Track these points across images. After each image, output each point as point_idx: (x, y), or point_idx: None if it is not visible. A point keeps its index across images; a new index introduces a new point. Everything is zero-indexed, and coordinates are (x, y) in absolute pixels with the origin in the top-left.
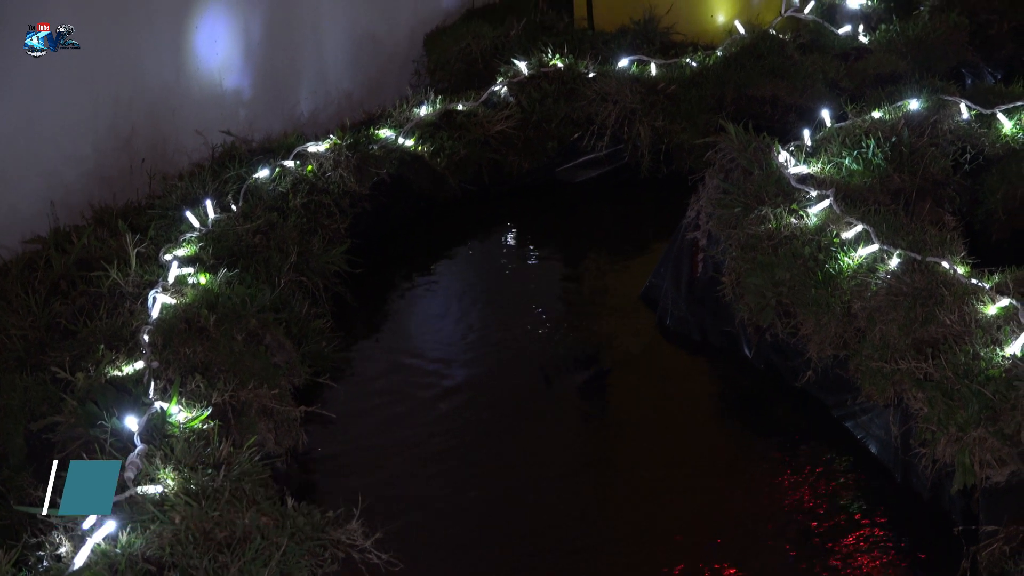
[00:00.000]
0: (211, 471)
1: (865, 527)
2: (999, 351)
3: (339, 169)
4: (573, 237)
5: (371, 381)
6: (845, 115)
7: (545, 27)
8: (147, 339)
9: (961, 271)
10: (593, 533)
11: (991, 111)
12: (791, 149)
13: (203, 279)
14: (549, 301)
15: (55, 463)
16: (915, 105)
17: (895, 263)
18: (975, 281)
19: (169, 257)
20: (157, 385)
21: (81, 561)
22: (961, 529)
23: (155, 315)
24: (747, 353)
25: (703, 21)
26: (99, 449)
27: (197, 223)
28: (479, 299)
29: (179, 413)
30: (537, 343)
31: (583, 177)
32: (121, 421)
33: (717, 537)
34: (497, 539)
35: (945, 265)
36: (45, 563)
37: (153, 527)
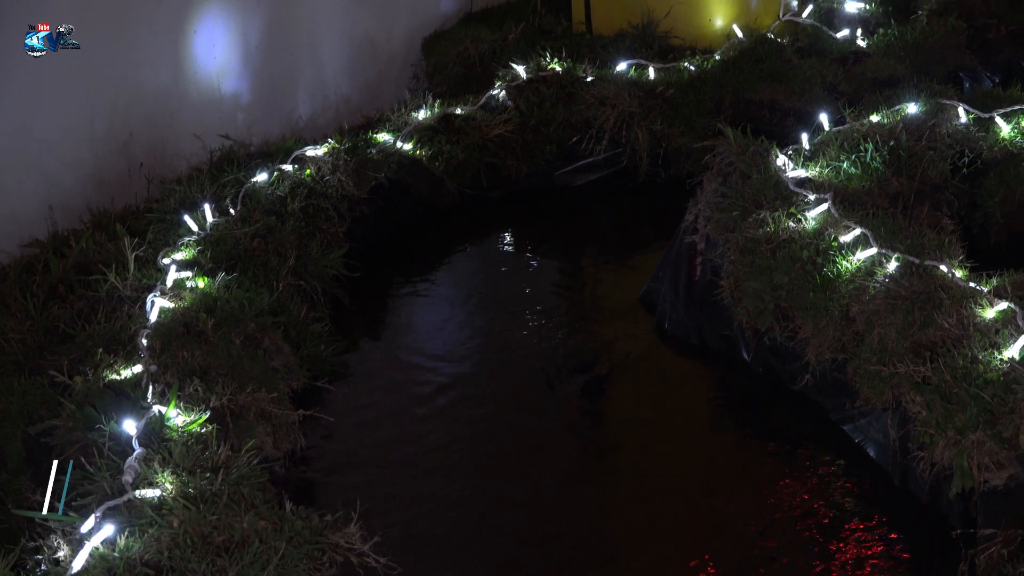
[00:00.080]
0: (209, 475)
1: (863, 530)
2: (997, 354)
3: (337, 173)
4: (571, 241)
5: (369, 384)
6: (843, 119)
7: (543, 31)
8: (145, 343)
9: (959, 275)
10: (592, 537)
11: (989, 115)
12: (789, 153)
13: (201, 283)
14: (547, 305)
15: (55, 463)
16: (913, 109)
17: (893, 267)
18: (973, 285)
19: (167, 261)
20: (155, 389)
21: (79, 565)
22: (959, 532)
23: (153, 319)
24: (745, 357)
25: (701, 25)
26: (97, 453)
27: (195, 227)
28: (477, 303)
29: (177, 417)
30: (535, 347)
31: (581, 181)
32: (119, 425)
33: (715, 540)
34: (496, 543)
35: (943, 269)
36: (43, 567)
37: (151, 531)
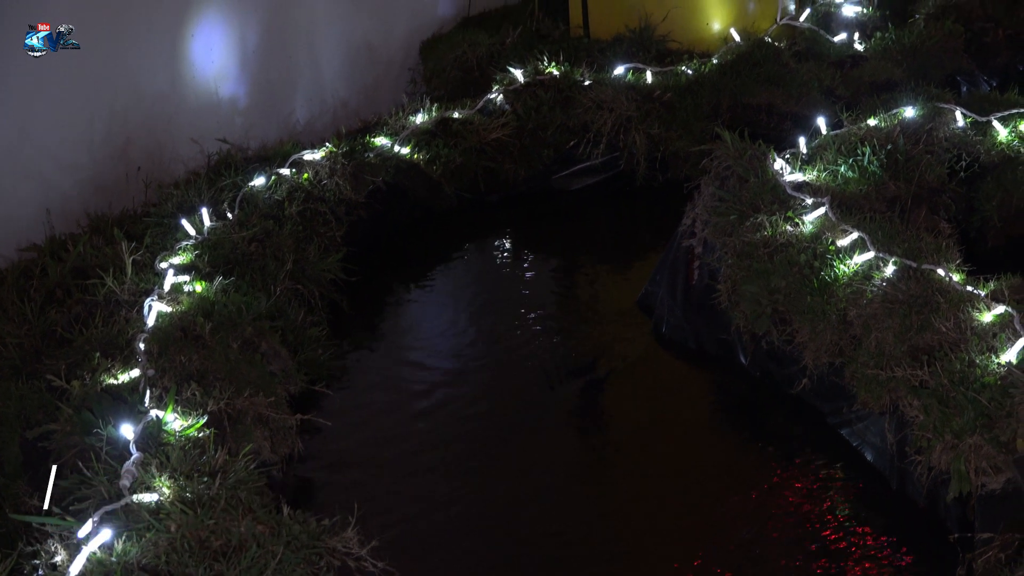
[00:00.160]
0: (207, 479)
1: (861, 534)
2: (995, 358)
3: (335, 177)
4: (569, 245)
5: (367, 389)
6: (841, 123)
7: (541, 35)
8: (143, 347)
9: (957, 278)
10: (591, 537)
11: (986, 119)
12: (787, 157)
13: (199, 287)
14: (545, 308)
15: (53, 468)
16: (911, 113)
17: (891, 270)
18: (971, 288)
19: (165, 265)
20: (153, 393)
21: (77, 569)
22: (957, 536)
23: (151, 323)
24: (743, 360)
25: (699, 29)
26: (95, 457)
27: (193, 231)
28: (475, 307)
29: (175, 421)
30: (533, 350)
31: (579, 185)
32: (117, 429)
33: (713, 544)
34: (494, 547)
35: (941, 272)
36: (41, 571)
37: (149, 535)
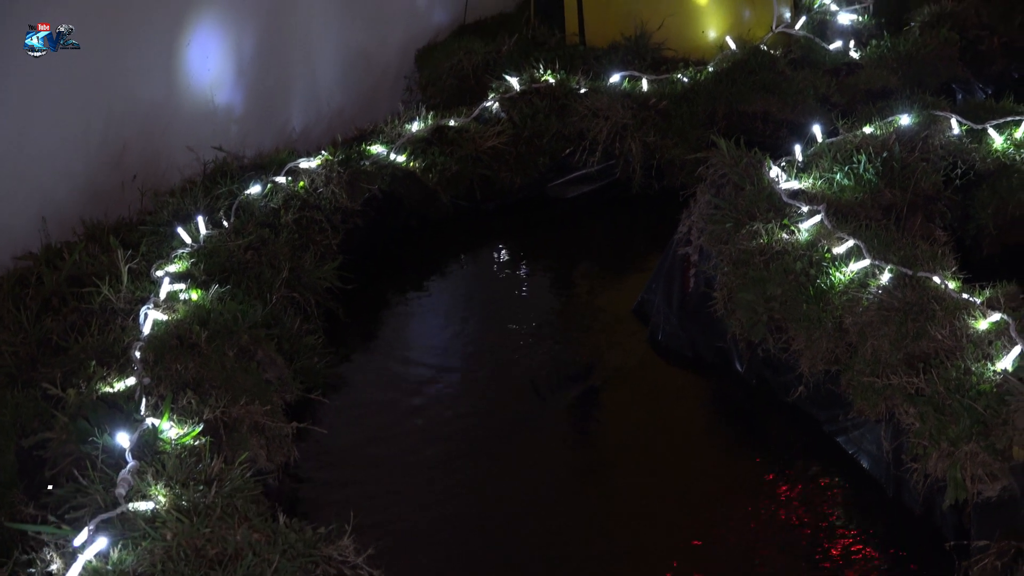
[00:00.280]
0: (203, 487)
1: (857, 542)
2: (990, 366)
3: (331, 185)
4: (565, 253)
5: (363, 397)
6: (836, 130)
7: (536, 43)
8: (138, 355)
9: (952, 286)
10: (586, 548)
11: (982, 126)
12: (782, 164)
13: (195, 295)
14: (541, 316)
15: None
16: (906, 120)
17: (886, 278)
18: (966, 296)
19: (161, 273)
20: (148, 401)
21: None
22: (953, 544)
23: (147, 331)
24: (739, 368)
25: (694, 37)
26: (90, 466)
27: (189, 239)
28: (471, 315)
29: (170, 429)
30: (530, 358)
31: (575, 193)
32: (112, 437)
33: (708, 552)
34: (491, 555)
35: (936, 280)
36: None
37: (144, 544)
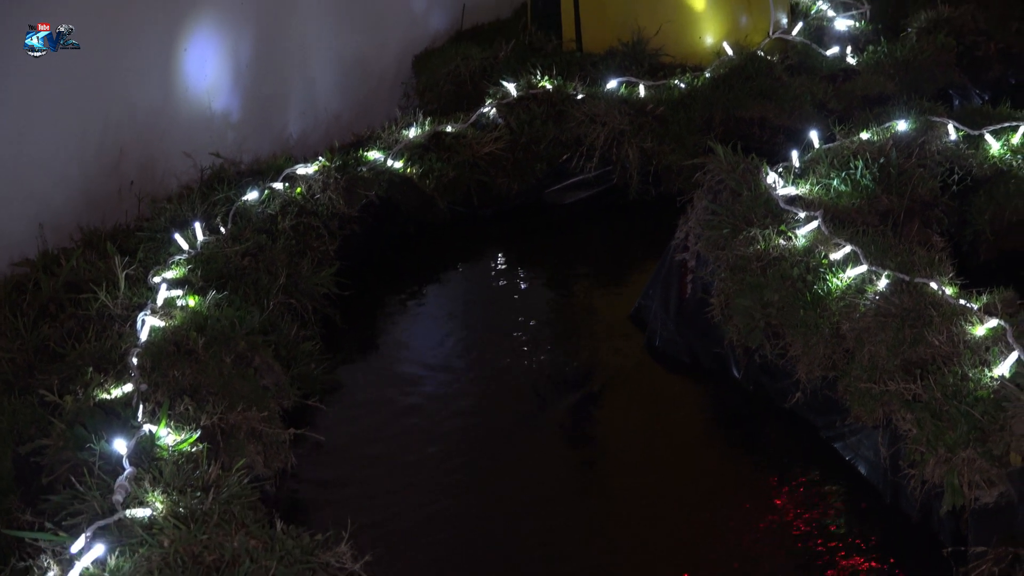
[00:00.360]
0: (200, 494)
1: (854, 548)
2: (987, 372)
3: (328, 191)
4: (562, 258)
5: (360, 403)
6: (833, 136)
7: (534, 49)
8: (136, 362)
9: (949, 292)
10: (584, 555)
11: (979, 132)
12: (779, 170)
13: (192, 301)
14: (538, 322)
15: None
16: (903, 126)
17: (883, 284)
18: (963, 302)
19: (158, 279)
20: (146, 408)
21: None
22: (950, 550)
23: (144, 338)
24: (736, 374)
25: (691, 43)
26: (87, 472)
27: (186, 245)
28: (468, 321)
29: (168, 436)
30: (527, 364)
31: (572, 199)
32: (110, 444)
33: (705, 558)
34: (488, 561)
35: (933, 286)
36: None
37: (142, 550)
